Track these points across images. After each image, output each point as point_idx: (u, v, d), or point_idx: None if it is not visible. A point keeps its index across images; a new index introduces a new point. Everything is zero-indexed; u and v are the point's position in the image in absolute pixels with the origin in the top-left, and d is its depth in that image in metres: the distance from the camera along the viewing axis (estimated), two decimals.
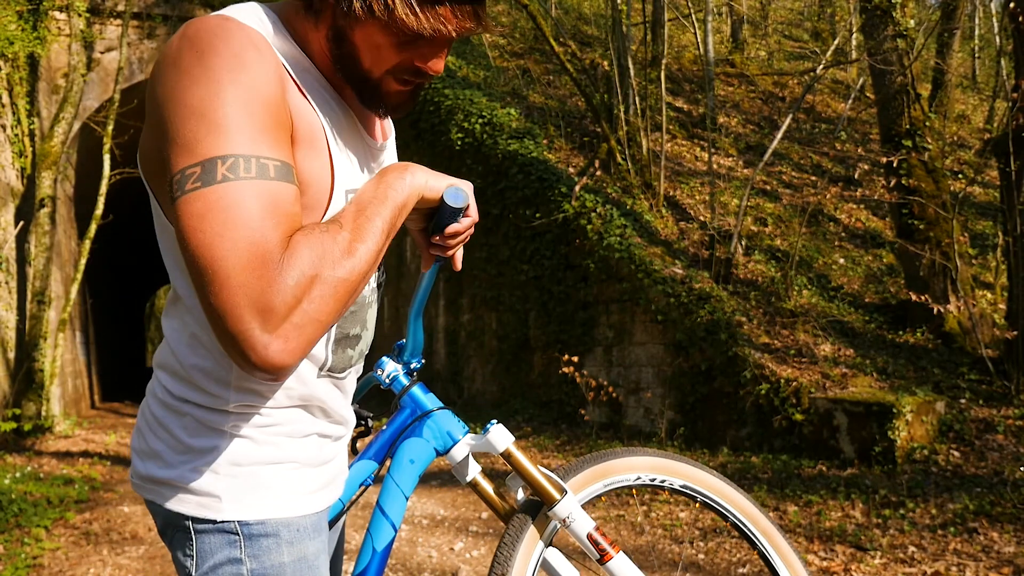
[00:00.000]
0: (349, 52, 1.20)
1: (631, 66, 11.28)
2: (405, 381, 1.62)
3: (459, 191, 1.29)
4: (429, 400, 1.61)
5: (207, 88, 1.04)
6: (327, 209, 1.20)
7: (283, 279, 1.00)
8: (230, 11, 1.18)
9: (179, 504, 1.24)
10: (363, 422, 1.69)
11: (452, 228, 1.35)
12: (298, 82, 1.19)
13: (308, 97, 1.20)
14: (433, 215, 1.35)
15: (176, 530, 1.26)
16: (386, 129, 1.49)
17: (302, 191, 1.15)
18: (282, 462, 1.28)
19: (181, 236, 1.01)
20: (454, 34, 1.18)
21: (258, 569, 1.23)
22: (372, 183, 1.19)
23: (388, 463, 1.58)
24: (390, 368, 1.64)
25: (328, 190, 1.21)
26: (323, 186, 1.20)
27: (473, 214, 1.38)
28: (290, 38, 1.24)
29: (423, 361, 1.61)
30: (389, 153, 1.49)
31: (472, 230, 1.43)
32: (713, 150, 11.35)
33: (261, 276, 0.99)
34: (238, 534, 1.23)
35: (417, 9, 1.13)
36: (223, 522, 1.23)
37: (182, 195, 1.01)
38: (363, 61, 1.20)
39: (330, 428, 1.37)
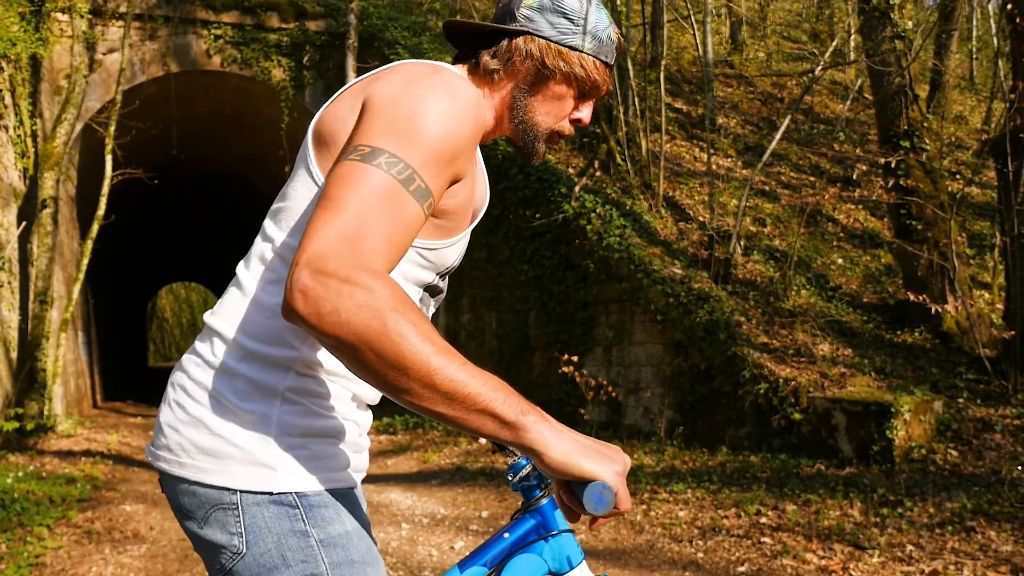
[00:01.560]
0: (528, 108, 1.45)
1: (630, 67, 11.31)
2: (539, 491, 1.53)
3: (603, 496, 1.11)
4: (559, 520, 1.52)
5: (433, 108, 1.23)
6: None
7: (354, 268, 1.06)
8: (449, 68, 1.40)
9: (226, 477, 1.23)
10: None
11: (591, 516, 1.20)
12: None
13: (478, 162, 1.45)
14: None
15: (215, 508, 1.24)
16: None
17: (444, 214, 1.33)
18: (330, 436, 1.31)
19: (326, 184, 1.16)
20: (603, 91, 1.49)
21: (326, 539, 1.24)
22: (508, 386, 1.14)
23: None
24: (525, 472, 1.53)
25: (466, 222, 1.41)
26: (464, 218, 1.39)
27: (624, 504, 1.16)
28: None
29: None
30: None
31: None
32: (712, 151, 11.37)
33: (345, 247, 1.08)
34: (297, 506, 1.23)
35: (599, 67, 1.45)
36: (280, 494, 1.23)
37: (343, 160, 1.17)
38: (539, 116, 1.46)
39: (363, 417, 1.42)
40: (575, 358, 9.08)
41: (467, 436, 9.33)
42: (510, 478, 1.52)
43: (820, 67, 11.33)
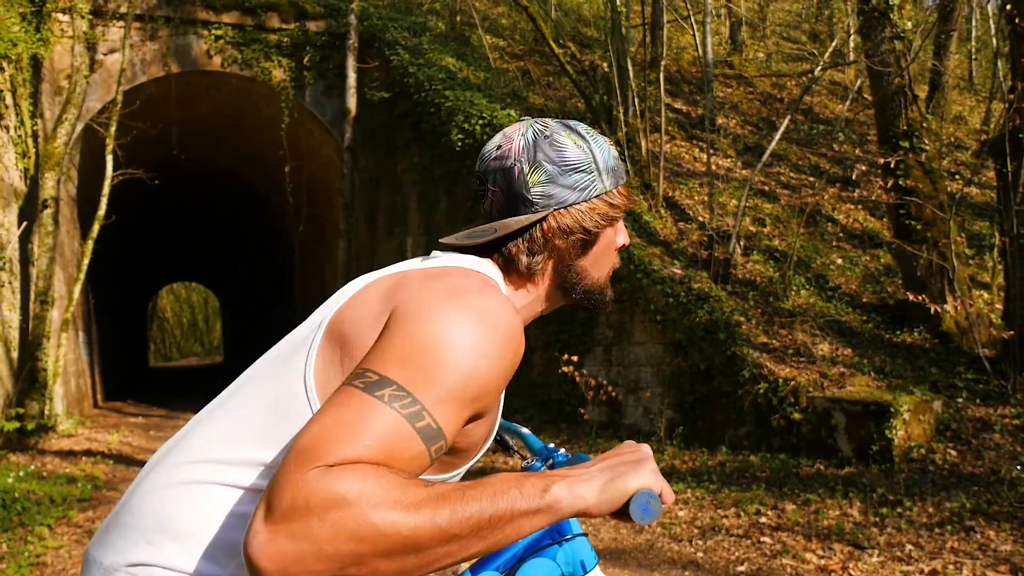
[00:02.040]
0: (584, 273, 1.41)
1: (630, 68, 11.32)
2: None
3: (649, 505, 1.05)
4: (572, 524, 1.51)
5: (464, 339, 1.10)
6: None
7: (307, 480, 0.93)
8: (493, 278, 1.31)
9: None
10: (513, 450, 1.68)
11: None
12: None
13: None
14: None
15: None
16: None
17: (452, 451, 1.23)
18: None
19: (321, 408, 1.04)
20: (632, 203, 1.46)
21: None
22: (512, 474, 1.06)
23: None
24: None
25: (479, 448, 1.30)
26: (474, 454, 1.29)
27: (669, 498, 1.13)
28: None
29: (566, 454, 1.46)
30: None
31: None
32: (712, 151, 11.38)
33: (294, 468, 0.95)
34: None
35: (624, 190, 1.41)
36: None
37: (345, 385, 1.05)
38: (595, 272, 1.42)
39: None
40: (575, 358, 9.09)
41: None
42: None
43: (819, 67, 11.35)
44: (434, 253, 1.37)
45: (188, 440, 1.25)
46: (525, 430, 1.65)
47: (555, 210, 1.34)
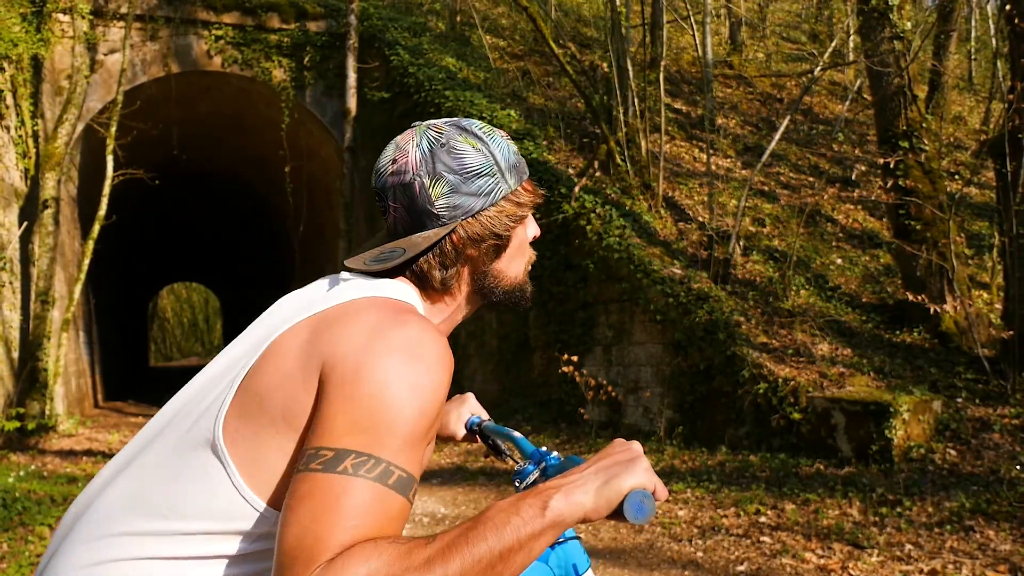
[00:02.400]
0: (500, 275, 1.39)
1: (630, 68, 11.32)
2: None
3: (643, 504, 1.06)
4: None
5: (403, 384, 1.08)
6: None
7: None
8: (413, 303, 1.29)
9: None
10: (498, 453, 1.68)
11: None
12: None
13: None
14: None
15: None
16: None
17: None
18: None
19: (287, 505, 1.03)
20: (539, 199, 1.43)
21: None
22: (507, 501, 1.05)
23: None
24: (532, 479, 1.45)
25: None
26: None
27: (663, 494, 1.11)
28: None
29: (558, 457, 1.45)
30: None
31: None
32: (712, 151, 11.39)
33: (292, 572, 0.97)
34: None
35: (530, 186, 1.40)
36: None
37: (302, 471, 1.04)
38: (512, 271, 1.40)
39: None
40: (575, 358, 9.10)
41: (456, 443, 9.33)
42: (516, 484, 1.46)
43: (819, 68, 11.36)
44: (343, 275, 1.33)
45: (104, 506, 1.19)
46: (517, 434, 1.64)
47: (462, 220, 1.31)
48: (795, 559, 4.82)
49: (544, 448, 1.49)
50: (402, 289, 1.30)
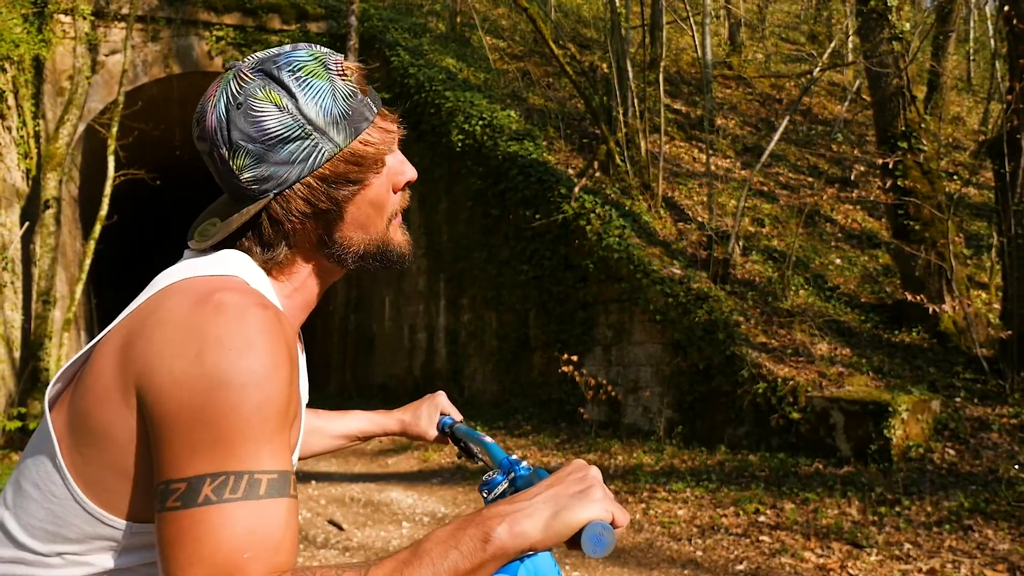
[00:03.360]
0: (349, 241, 1.17)
1: (630, 68, 11.35)
2: None
3: (602, 536, 0.96)
4: None
5: (225, 391, 0.94)
6: None
7: None
8: (244, 277, 1.09)
9: None
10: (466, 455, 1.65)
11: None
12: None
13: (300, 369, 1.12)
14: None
15: None
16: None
17: None
18: None
19: (159, 551, 0.94)
20: (398, 135, 1.20)
21: None
22: (447, 530, 0.97)
23: None
24: (501, 489, 1.36)
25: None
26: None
27: (623, 522, 0.99)
28: (275, 294, 1.16)
29: (528, 467, 1.37)
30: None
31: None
32: (711, 151, 11.41)
33: None
34: None
35: (369, 136, 1.14)
36: None
37: (161, 511, 0.93)
38: (368, 232, 1.18)
39: None
40: (575, 358, 9.12)
41: (426, 443, 9.35)
42: (484, 495, 1.36)
43: (818, 68, 11.38)
44: (185, 254, 1.20)
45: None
46: (488, 439, 1.58)
47: (275, 195, 1.11)
48: (794, 558, 4.84)
49: (515, 457, 1.42)
50: (233, 260, 1.12)
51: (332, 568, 0.93)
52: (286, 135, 1.08)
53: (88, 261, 11.08)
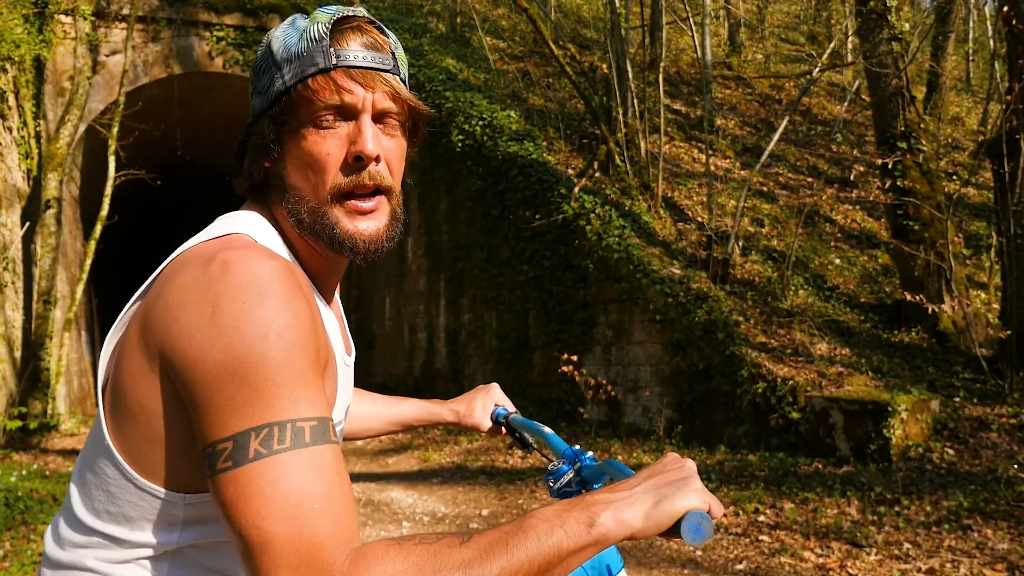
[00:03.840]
0: (298, 193, 1.13)
1: (629, 69, 11.36)
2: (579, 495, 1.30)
3: (700, 526, 0.98)
4: None
5: (247, 345, 0.94)
6: None
7: None
8: (250, 233, 1.11)
9: None
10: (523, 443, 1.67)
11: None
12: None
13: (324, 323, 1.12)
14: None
15: None
16: (349, 342, 1.35)
17: None
18: None
19: (223, 515, 0.93)
20: (371, 104, 1.13)
21: None
22: (552, 510, 0.98)
23: None
24: (567, 479, 1.36)
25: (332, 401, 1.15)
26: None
27: (719, 513, 1.02)
28: (286, 246, 1.17)
29: (594, 458, 1.37)
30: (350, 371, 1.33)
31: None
32: (711, 152, 11.43)
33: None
34: None
35: (310, 85, 1.10)
36: None
37: (214, 475, 0.93)
38: (306, 190, 1.13)
39: None
40: (575, 357, 9.13)
41: (467, 435, 9.38)
42: (551, 484, 1.37)
43: (818, 69, 11.39)
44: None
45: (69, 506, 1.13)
46: (547, 430, 1.59)
47: (250, 126, 1.16)
48: (794, 558, 4.85)
49: (578, 447, 1.44)
50: (243, 219, 1.15)
51: (433, 534, 0.94)
52: (259, 65, 1.15)
53: (89, 261, 11.10)
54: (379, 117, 1.15)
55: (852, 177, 12.28)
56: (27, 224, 10.46)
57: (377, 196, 1.16)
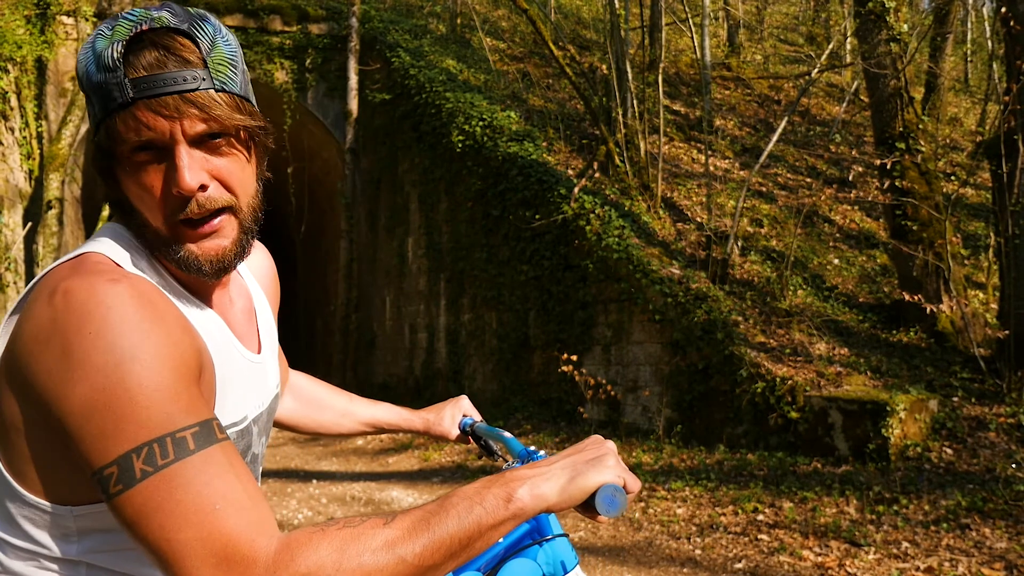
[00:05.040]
0: (136, 203, 1.09)
1: (629, 70, 11.38)
2: None
3: (614, 498, 1.05)
4: (553, 524, 1.52)
5: (103, 374, 0.93)
6: None
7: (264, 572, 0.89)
8: (106, 251, 1.08)
9: None
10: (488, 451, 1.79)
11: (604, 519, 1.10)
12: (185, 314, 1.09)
13: (197, 330, 1.10)
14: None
15: None
16: (263, 340, 1.36)
17: None
18: None
19: (131, 536, 0.93)
20: (168, 133, 1.04)
21: None
22: (472, 487, 1.02)
23: None
24: None
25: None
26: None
27: (634, 487, 1.09)
28: (149, 260, 1.14)
29: (545, 454, 1.38)
30: (271, 364, 1.36)
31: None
32: (710, 152, 11.45)
33: (218, 569, 0.90)
34: None
35: (115, 125, 1.03)
36: None
37: (109, 500, 0.93)
38: (145, 211, 1.09)
39: None
40: (574, 357, 9.14)
41: (448, 442, 9.39)
42: None
43: (816, 70, 11.42)
44: None
45: None
46: (507, 434, 1.69)
47: (93, 138, 1.10)
48: (793, 557, 4.87)
49: (532, 448, 1.53)
50: (105, 233, 1.13)
51: (358, 517, 0.97)
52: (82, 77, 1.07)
53: None
54: (201, 140, 1.06)
55: (851, 177, 12.31)
56: (29, 224, 10.49)
57: (218, 216, 1.11)
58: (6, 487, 1.04)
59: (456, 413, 1.92)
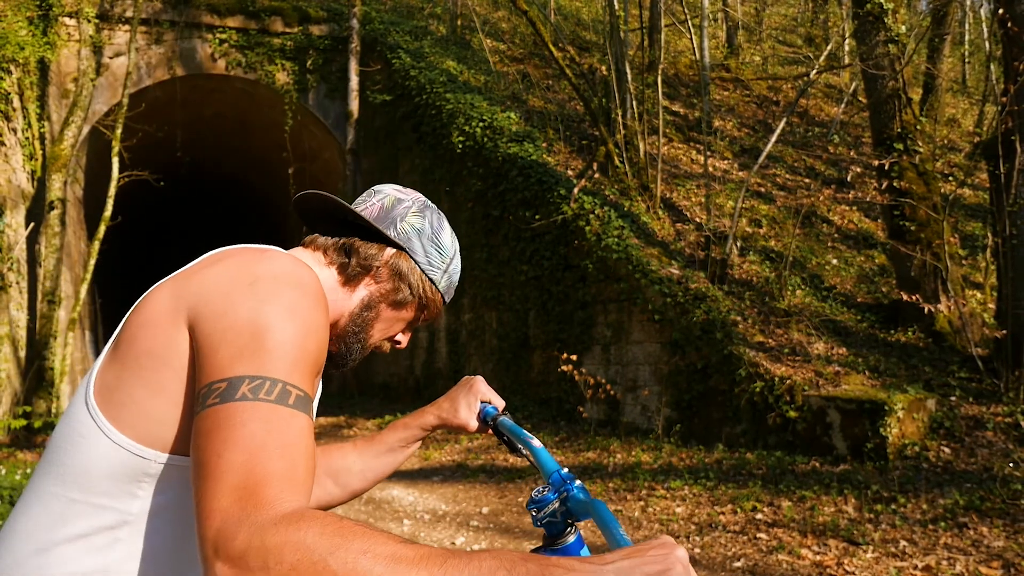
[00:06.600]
0: (369, 321, 1.41)
1: (628, 71, 11.41)
2: (567, 528, 1.21)
3: None
4: (584, 550, 1.24)
5: (277, 306, 1.08)
6: None
7: (268, 528, 0.88)
8: (295, 254, 1.36)
9: None
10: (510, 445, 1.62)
11: None
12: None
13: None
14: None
15: None
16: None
17: None
18: None
19: (194, 444, 0.99)
20: (429, 316, 1.50)
21: None
22: (509, 552, 0.89)
23: None
24: (552, 508, 1.20)
25: None
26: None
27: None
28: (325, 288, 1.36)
29: (583, 488, 1.21)
30: None
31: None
32: (709, 153, 11.48)
33: (243, 507, 0.90)
34: None
35: (440, 305, 1.48)
36: None
37: (200, 410, 1.00)
38: (375, 330, 1.43)
39: None
40: (574, 357, 9.16)
41: (468, 433, 9.43)
42: (533, 513, 1.21)
43: (815, 71, 11.44)
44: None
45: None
46: (536, 443, 1.46)
47: (405, 251, 1.41)
48: (791, 555, 4.89)
49: (566, 470, 1.25)
50: (295, 251, 1.40)
51: (389, 533, 0.91)
52: (441, 248, 1.46)
53: (93, 261, 11.14)
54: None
55: (849, 178, 12.33)
56: (31, 225, 10.51)
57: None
58: (91, 433, 1.11)
59: (472, 399, 1.68)
